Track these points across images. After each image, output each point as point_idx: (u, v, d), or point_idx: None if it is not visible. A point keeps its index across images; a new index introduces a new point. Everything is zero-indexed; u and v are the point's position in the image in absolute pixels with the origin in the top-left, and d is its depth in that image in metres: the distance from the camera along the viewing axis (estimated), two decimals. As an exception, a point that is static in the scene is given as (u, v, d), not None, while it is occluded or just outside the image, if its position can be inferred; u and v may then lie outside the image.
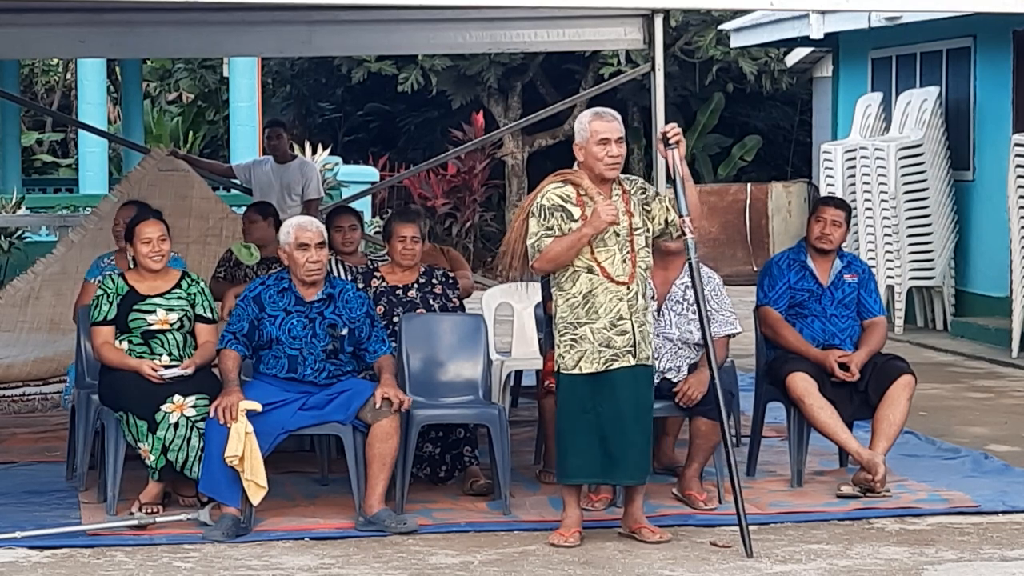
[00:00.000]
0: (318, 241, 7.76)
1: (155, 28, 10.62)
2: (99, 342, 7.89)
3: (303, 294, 7.79)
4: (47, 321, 11.09)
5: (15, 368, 10.74)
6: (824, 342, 8.47)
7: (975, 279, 15.23)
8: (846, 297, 8.52)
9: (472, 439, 8.39)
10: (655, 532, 7.34)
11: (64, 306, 10.80)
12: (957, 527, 7.65)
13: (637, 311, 7.22)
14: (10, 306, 11.28)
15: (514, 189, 22.94)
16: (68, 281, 11.00)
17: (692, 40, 21.68)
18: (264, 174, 12.49)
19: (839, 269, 8.54)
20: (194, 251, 11.01)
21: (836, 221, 8.47)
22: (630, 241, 7.23)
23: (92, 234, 11.25)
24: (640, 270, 7.25)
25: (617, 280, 7.20)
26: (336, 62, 22.91)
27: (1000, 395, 11.88)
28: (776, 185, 21.33)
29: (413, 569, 6.90)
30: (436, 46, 13.07)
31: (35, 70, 28.46)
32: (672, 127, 7.33)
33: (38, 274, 11.41)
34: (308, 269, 7.74)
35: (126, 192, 11.47)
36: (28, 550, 7.13)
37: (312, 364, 7.72)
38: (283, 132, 12.74)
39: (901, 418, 8.28)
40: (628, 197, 7.29)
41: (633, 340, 7.21)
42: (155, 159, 11.92)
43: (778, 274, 8.55)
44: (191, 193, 11.58)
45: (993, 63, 15.01)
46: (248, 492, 7.42)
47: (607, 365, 7.20)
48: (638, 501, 7.42)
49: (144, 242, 7.92)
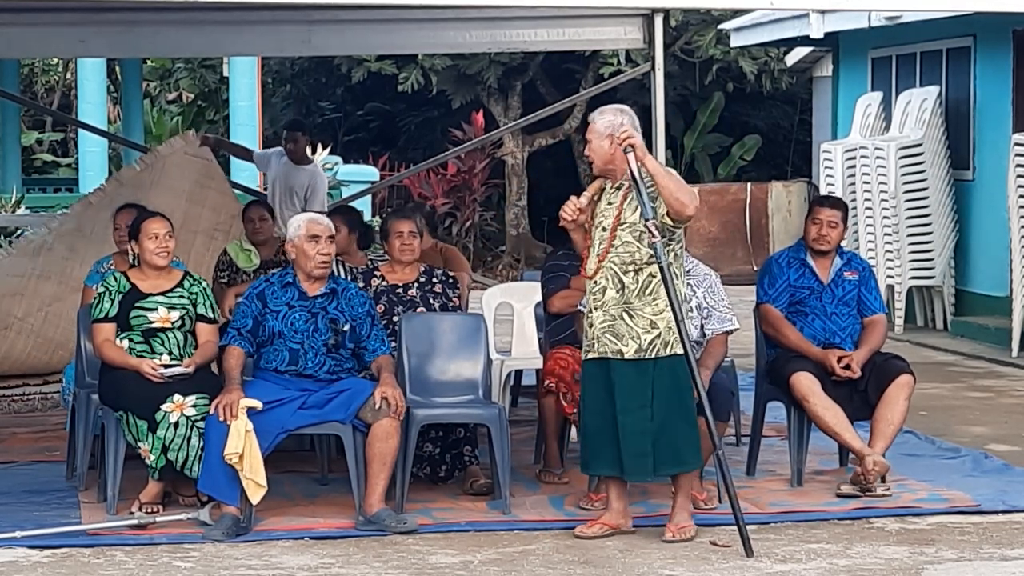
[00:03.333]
0: (328, 235, 7.84)
1: (155, 28, 10.62)
2: (100, 339, 7.89)
3: (307, 289, 7.82)
4: (58, 272, 11.02)
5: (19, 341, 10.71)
6: (825, 340, 8.46)
7: (975, 279, 15.23)
8: (846, 295, 8.51)
9: (472, 439, 8.39)
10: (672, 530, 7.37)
11: (76, 261, 10.77)
12: (957, 526, 7.65)
13: (604, 305, 7.28)
14: (22, 254, 11.26)
15: (514, 189, 22.93)
16: (82, 239, 10.99)
17: (692, 40, 21.68)
18: (277, 167, 12.50)
19: (839, 267, 8.54)
20: (200, 242, 11.00)
21: (832, 222, 8.46)
22: (610, 236, 7.26)
23: (111, 196, 11.13)
24: (614, 265, 7.25)
25: (586, 273, 7.36)
26: (336, 62, 22.91)
27: (1000, 394, 11.88)
28: (776, 184, 21.34)
29: (413, 569, 6.91)
30: (436, 46, 13.08)
31: (35, 70, 28.47)
32: (623, 130, 7.21)
33: (52, 229, 11.39)
34: (318, 261, 7.77)
35: (151, 163, 11.50)
36: (28, 550, 7.13)
37: (313, 358, 7.74)
38: (300, 136, 12.66)
39: (899, 418, 8.28)
40: (628, 193, 7.30)
41: (595, 333, 7.31)
42: (185, 141, 11.90)
43: (778, 272, 8.54)
44: (211, 184, 11.52)
45: (993, 63, 15.01)
46: (247, 491, 7.42)
47: (586, 355, 7.42)
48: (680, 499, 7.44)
49: (151, 238, 7.93)
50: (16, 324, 10.89)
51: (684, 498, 7.42)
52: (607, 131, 7.27)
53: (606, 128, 7.28)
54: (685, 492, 7.42)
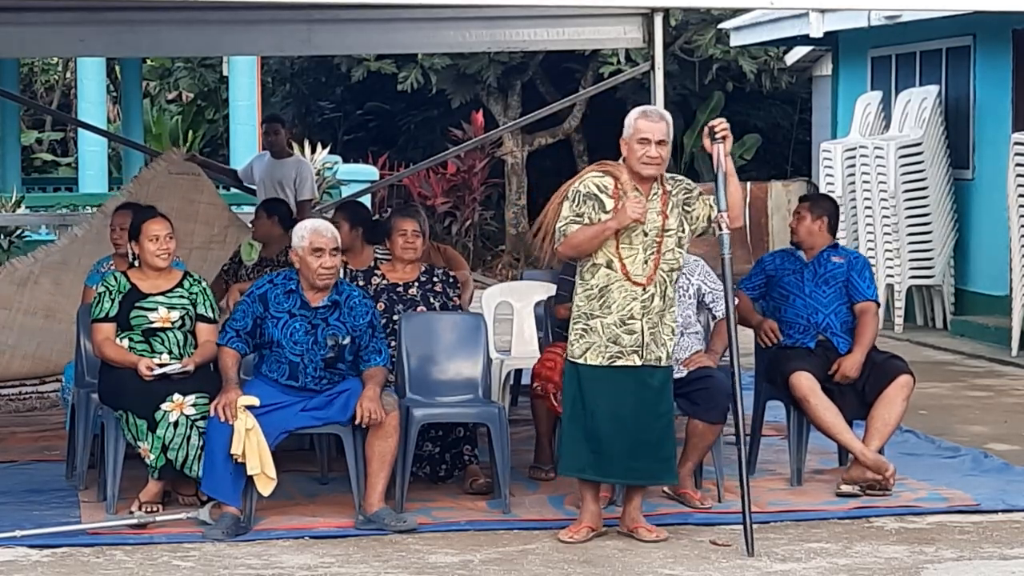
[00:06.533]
0: (332, 247, 7.70)
1: (155, 27, 10.61)
2: (100, 338, 7.88)
3: (309, 299, 7.73)
4: (43, 307, 11.03)
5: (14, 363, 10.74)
6: (808, 318, 8.42)
7: (975, 278, 15.23)
8: (827, 273, 8.45)
9: (472, 438, 8.39)
10: (652, 531, 7.34)
11: (61, 295, 10.78)
12: (957, 526, 7.65)
13: (651, 312, 7.22)
14: (8, 283, 11.22)
15: (514, 188, 22.93)
16: (68, 272, 10.98)
17: (692, 39, 21.66)
18: (260, 168, 12.51)
19: (826, 249, 8.53)
20: (196, 257, 10.96)
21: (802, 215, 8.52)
22: (658, 242, 7.22)
23: (97, 230, 11.18)
24: (663, 272, 7.24)
25: (634, 279, 7.20)
26: (336, 61, 22.90)
27: (1000, 394, 11.88)
28: (776, 184, 21.34)
29: (413, 568, 6.91)
30: (436, 45, 13.06)
31: (35, 69, 28.46)
32: (720, 122, 7.29)
33: (38, 259, 11.37)
34: (320, 275, 7.70)
35: (135, 192, 11.45)
36: (28, 549, 7.13)
37: (312, 372, 7.68)
38: (280, 128, 12.73)
39: (896, 418, 8.28)
40: (667, 198, 7.27)
41: (641, 340, 7.21)
42: (167, 161, 11.87)
43: (757, 269, 8.67)
44: (199, 198, 11.49)
45: (993, 62, 15.01)
46: (258, 485, 7.42)
47: (611, 361, 7.22)
48: (636, 501, 7.42)
49: (151, 239, 7.92)
50: (8, 351, 10.93)
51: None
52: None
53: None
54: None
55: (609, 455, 7.25)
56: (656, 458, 7.32)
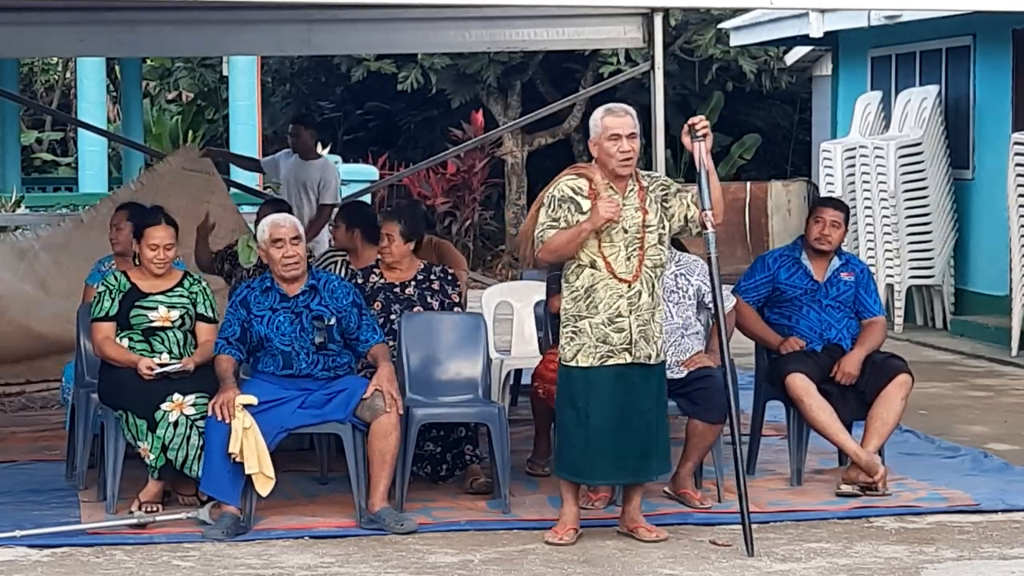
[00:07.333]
0: (292, 236, 7.76)
1: (155, 27, 10.62)
2: (100, 337, 7.89)
3: (286, 290, 7.80)
4: (38, 281, 11.01)
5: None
6: (820, 332, 8.45)
7: (975, 278, 15.23)
8: (841, 294, 8.49)
9: (473, 437, 8.39)
10: (651, 531, 7.34)
11: (58, 273, 10.80)
12: (956, 526, 7.65)
13: (639, 309, 7.21)
14: (8, 251, 11.23)
15: (514, 188, 22.93)
16: (68, 255, 10.97)
17: (692, 39, 21.66)
18: (286, 167, 12.48)
19: (836, 267, 8.53)
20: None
21: (835, 222, 8.46)
22: (639, 238, 7.21)
23: (104, 218, 11.16)
24: (647, 268, 7.23)
25: (620, 277, 7.19)
26: (336, 61, 22.90)
27: (1000, 394, 11.88)
28: (775, 184, 21.35)
29: (413, 568, 6.91)
30: (436, 45, 13.07)
31: (35, 69, 28.45)
32: (700, 119, 7.33)
33: (41, 236, 11.38)
34: (285, 264, 7.75)
35: (147, 184, 11.48)
36: (28, 549, 7.13)
37: (306, 358, 7.73)
38: (303, 129, 12.63)
39: (895, 417, 8.28)
40: (644, 194, 7.26)
41: (630, 338, 7.20)
42: (182, 156, 11.85)
43: (760, 267, 8.57)
44: (210, 198, 11.45)
45: (993, 62, 15.01)
46: (256, 484, 7.42)
47: (602, 361, 7.21)
48: (635, 500, 7.42)
49: (151, 247, 7.92)
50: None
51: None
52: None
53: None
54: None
55: (605, 456, 7.25)
56: (651, 455, 7.31)
